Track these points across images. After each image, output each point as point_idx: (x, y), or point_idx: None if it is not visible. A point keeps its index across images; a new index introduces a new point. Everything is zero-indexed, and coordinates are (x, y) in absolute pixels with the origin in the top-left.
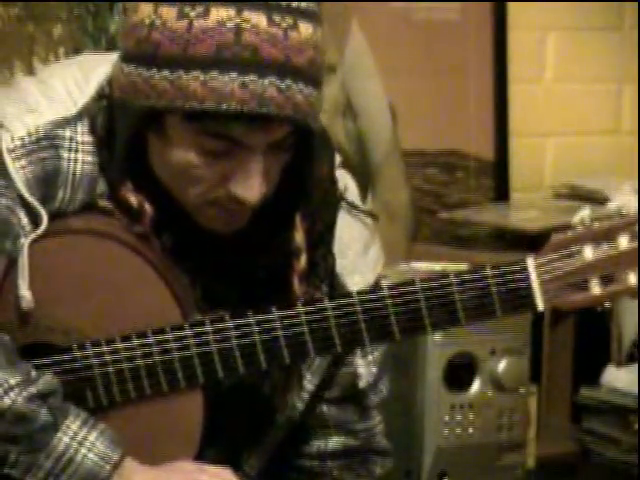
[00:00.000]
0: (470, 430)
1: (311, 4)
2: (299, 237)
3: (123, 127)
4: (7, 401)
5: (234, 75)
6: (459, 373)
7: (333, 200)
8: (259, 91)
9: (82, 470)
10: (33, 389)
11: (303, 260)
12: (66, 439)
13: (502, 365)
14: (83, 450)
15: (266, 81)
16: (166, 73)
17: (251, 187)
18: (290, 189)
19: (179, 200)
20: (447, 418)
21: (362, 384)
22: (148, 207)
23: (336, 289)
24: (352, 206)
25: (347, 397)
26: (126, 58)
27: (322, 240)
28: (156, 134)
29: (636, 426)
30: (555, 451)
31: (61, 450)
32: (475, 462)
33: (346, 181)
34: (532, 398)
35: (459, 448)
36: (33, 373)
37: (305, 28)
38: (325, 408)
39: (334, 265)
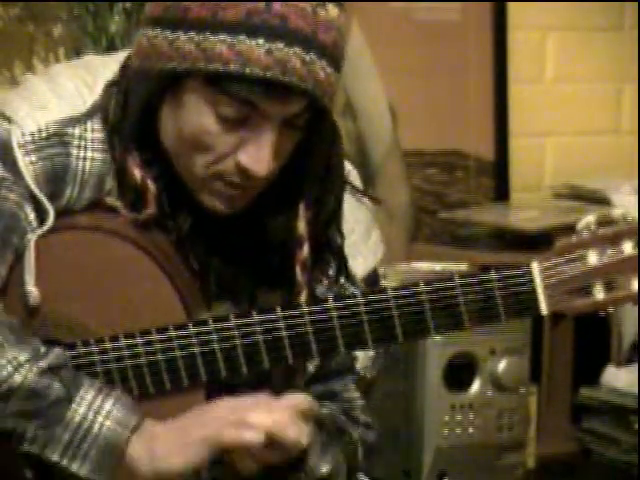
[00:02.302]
0: (470, 430)
1: None
2: (302, 226)
3: (139, 94)
4: (18, 378)
5: (261, 41)
6: (459, 373)
7: (340, 181)
8: (284, 60)
9: (101, 438)
10: (43, 364)
11: (306, 249)
12: (82, 410)
13: (502, 365)
14: (100, 419)
15: (291, 51)
16: (192, 35)
17: (261, 159)
18: (296, 174)
19: (183, 175)
20: (447, 418)
21: (359, 366)
22: (151, 185)
23: (342, 271)
24: (355, 189)
25: (333, 373)
26: (151, 23)
27: (332, 220)
28: (172, 100)
29: (636, 426)
30: (555, 451)
31: (78, 421)
32: (475, 462)
33: (348, 166)
34: (532, 398)
35: (459, 448)
36: (42, 348)
37: (333, 9)
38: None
39: (343, 244)
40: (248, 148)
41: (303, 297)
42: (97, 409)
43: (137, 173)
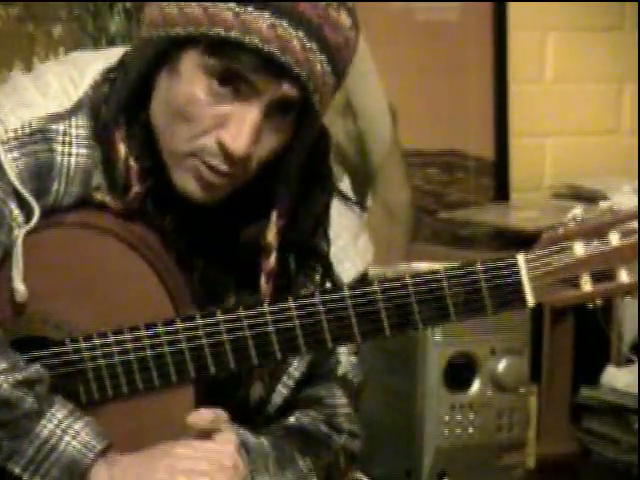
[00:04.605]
0: (470, 430)
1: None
2: (271, 235)
3: (137, 64)
4: None
5: (267, 15)
6: (459, 373)
7: (328, 187)
8: (285, 38)
9: (64, 458)
10: (19, 376)
11: (272, 259)
12: (50, 426)
13: (502, 365)
14: (67, 438)
15: (294, 32)
16: (203, 1)
17: (241, 137)
18: (273, 179)
19: (164, 152)
20: (447, 418)
21: (341, 371)
22: (134, 163)
23: (329, 275)
24: (343, 195)
25: (320, 378)
26: None
27: (318, 226)
28: (168, 71)
29: (636, 426)
30: (555, 451)
31: (44, 437)
32: (475, 462)
33: (338, 173)
34: (532, 398)
35: (459, 448)
36: (21, 362)
37: (345, 17)
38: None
39: (329, 249)
40: (231, 125)
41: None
42: (65, 428)
43: (121, 148)
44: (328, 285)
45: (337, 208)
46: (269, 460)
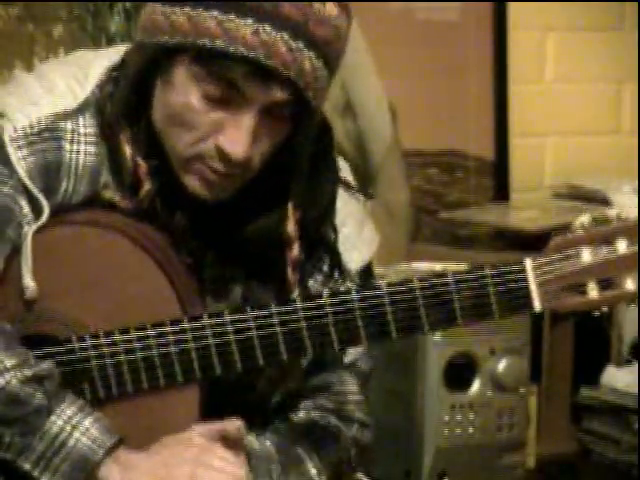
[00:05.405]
0: (470, 430)
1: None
2: (290, 227)
3: (133, 69)
4: (1, 381)
5: (250, 21)
6: (459, 373)
7: (333, 177)
8: (270, 43)
9: (75, 453)
10: (29, 372)
11: (296, 249)
12: (60, 422)
13: (502, 365)
14: (77, 434)
15: (278, 35)
16: (187, 9)
17: (238, 143)
18: (283, 172)
19: (169, 155)
20: (447, 418)
21: (348, 359)
22: (141, 162)
23: (336, 265)
24: (347, 184)
25: (328, 365)
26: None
27: (325, 215)
28: (163, 78)
29: (636, 426)
30: (555, 451)
31: (54, 433)
32: (475, 462)
33: (340, 162)
34: (532, 398)
35: (459, 448)
36: (31, 358)
37: (332, 8)
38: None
39: (337, 240)
40: (227, 130)
41: (295, 296)
42: (75, 424)
43: (127, 150)
44: (336, 275)
45: (341, 196)
46: (272, 465)
